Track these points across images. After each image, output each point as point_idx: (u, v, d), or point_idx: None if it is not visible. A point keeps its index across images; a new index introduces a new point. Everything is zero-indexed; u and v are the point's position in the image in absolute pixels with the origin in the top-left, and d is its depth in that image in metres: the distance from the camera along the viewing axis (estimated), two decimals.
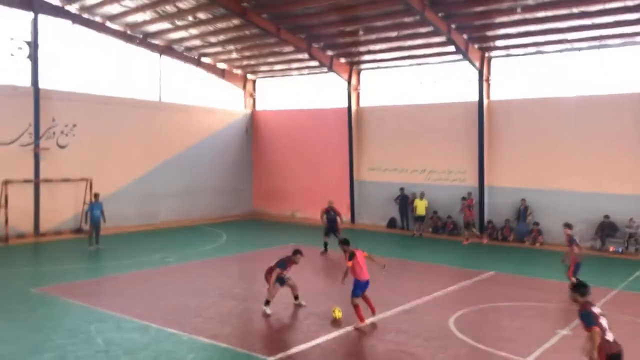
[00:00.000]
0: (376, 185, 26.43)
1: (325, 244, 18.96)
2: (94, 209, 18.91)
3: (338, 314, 11.19)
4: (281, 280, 11.79)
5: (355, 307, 10.78)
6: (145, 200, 25.40)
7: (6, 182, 20.16)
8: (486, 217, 23.27)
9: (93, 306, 11.87)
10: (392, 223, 25.96)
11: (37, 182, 21.58)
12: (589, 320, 6.88)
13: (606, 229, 20.36)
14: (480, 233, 23.00)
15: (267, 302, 11.52)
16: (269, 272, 11.71)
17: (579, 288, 7.25)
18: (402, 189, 25.09)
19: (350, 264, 10.88)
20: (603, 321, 6.94)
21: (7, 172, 20.42)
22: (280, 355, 9.14)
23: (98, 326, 10.58)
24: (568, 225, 14.19)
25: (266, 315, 11.34)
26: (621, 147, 20.45)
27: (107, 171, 23.56)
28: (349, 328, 10.70)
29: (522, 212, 22.16)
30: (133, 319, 11.00)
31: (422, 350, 9.53)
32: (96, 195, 19.39)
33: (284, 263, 11.74)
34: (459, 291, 14.04)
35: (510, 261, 18.79)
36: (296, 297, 12.22)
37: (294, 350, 9.41)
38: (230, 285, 14.43)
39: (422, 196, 23.73)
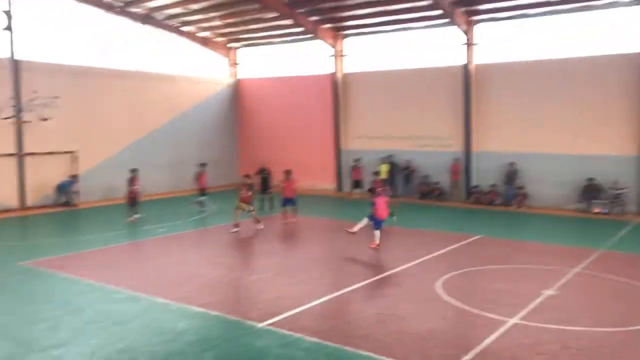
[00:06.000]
0: (363, 153, 26.34)
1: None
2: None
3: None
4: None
5: None
6: None
7: None
8: (473, 182, 23.43)
9: (82, 278, 11.88)
10: None
11: (21, 156, 21.32)
12: None
13: (591, 191, 20.58)
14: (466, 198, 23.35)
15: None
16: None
17: None
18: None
19: None
20: None
21: None
22: (270, 320, 9.22)
23: (88, 297, 10.61)
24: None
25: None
26: (606, 109, 20.55)
27: (92, 143, 23.35)
28: (339, 293, 10.84)
29: (512, 175, 22.28)
30: (123, 289, 11.03)
31: (410, 313, 9.68)
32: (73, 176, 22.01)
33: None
34: (445, 255, 14.20)
35: (496, 225, 19.00)
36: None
37: (284, 315, 9.50)
38: (219, 254, 14.47)
39: (384, 160, 24.72)
